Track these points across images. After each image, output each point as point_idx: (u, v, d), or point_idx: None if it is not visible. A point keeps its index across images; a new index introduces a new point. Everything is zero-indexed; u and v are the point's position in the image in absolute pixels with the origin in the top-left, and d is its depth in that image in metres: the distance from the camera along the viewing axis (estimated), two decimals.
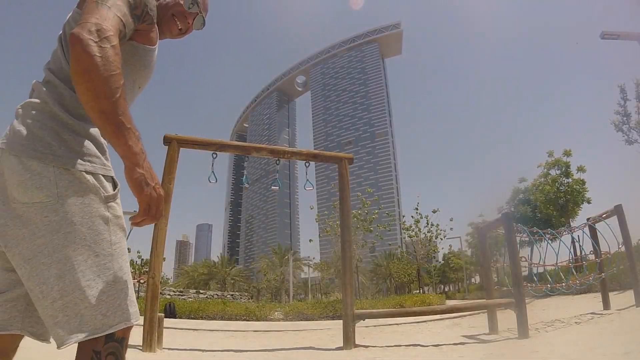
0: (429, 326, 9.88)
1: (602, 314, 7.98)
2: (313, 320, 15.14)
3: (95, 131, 1.21)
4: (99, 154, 1.19)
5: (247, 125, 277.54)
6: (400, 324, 10.64)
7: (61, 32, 1.29)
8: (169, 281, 64.77)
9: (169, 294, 24.65)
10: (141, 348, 5.38)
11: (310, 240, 49.22)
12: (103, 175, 1.17)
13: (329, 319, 14.94)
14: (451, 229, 42.19)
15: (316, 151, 7.52)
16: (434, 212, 39.06)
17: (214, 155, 6.58)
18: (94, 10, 1.10)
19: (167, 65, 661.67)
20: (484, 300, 7.88)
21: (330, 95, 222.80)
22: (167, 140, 6.35)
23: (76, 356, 1.08)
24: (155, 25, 1.40)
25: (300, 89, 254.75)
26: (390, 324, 10.46)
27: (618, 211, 9.13)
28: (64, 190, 1.08)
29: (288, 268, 41.86)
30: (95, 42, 1.03)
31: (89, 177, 1.12)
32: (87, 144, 1.17)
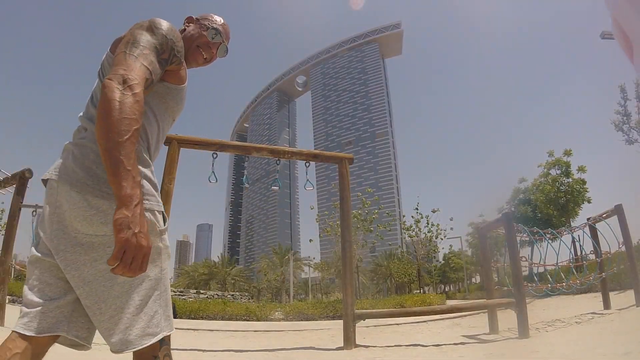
0: (429, 326, 9.88)
1: (602, 314, 7.99)
2: (313, 320, 15.15)
3: (149, 172, 1.38)
4: (154, 192, 1.36)
5: (247, 125, 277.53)
6: (401, 324, 10.64)
7: (99, 75, 1.47)
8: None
9: None
10: None
11: (310, 240, 49.09)
12: (157, 211, 1.35)
13: (329, 319, 14.95)
14: (451, 228, 42.14)
15: (316, 151, 7.52)
16: (434, 211, 38.98)
17: (214, 155, 6.57)
18: (122, 61, 1.25)
19: None
20: (485, 300, 7.88)
21: (330, 95, 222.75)
22: (167, 140, 6.35)
23: None
24: (184, 64, 1.53)
25: (300, 89, 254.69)
26: (390, 324, 10.47)
27: (618, 211, 9.13)
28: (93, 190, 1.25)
29: (288, 268, 41.86)
30: (119, 89, 1.17)
31: (147, 214, 1.28)
32: (145, 183, 1.32)
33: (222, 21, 1.76)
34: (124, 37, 1.35)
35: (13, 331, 1.25)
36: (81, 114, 1.45)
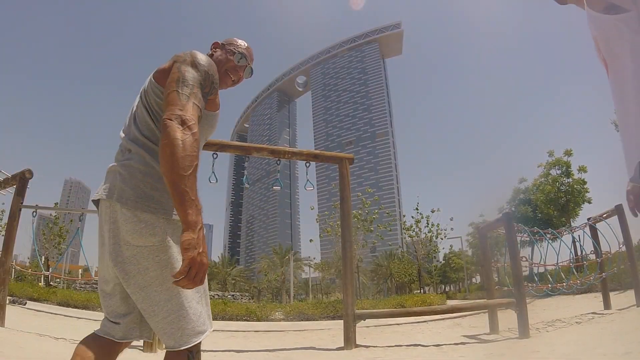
0: (429, 326, 9.89)
1: (602, 314, 7.99)
2: (314, 320, 15.13)
3: None
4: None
5: (247, 126, 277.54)
6: (401, 324, 10.64)
7: (142, 98, 1.62)
8: None
9: None
10: (142, 349, 5.39)
11: (310, 241, 49.03)
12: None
13: (329, 319, 14.93)
14: (452, 229, 42.12)
15: (317, 151, 7.51)
16: (433, 211, 38.95)
17: (215, 156, 6.57)
18: (177, 101, 1.40)
19: None
20: (485, 300, 7.88)
21: (330, 95, 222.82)
22: None
23: (170, 357, 1.44)
24: (218, 91, 1.72)
25: (300, 89, 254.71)
26: (391, 324, 10.47)
27: (619, 211, 9.13)
28: (170, 236, 1.44)
29: (289, 268, 41.85)
30: (180, 129, 1.33)
31: None
32: None
33: (246, 45, 1.90)
34: (172, 74, 1.49)
35: (94, 333, 1.56)
36: (122, 134, 1.63)
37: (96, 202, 1.57)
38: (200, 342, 1.46)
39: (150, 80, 1.60)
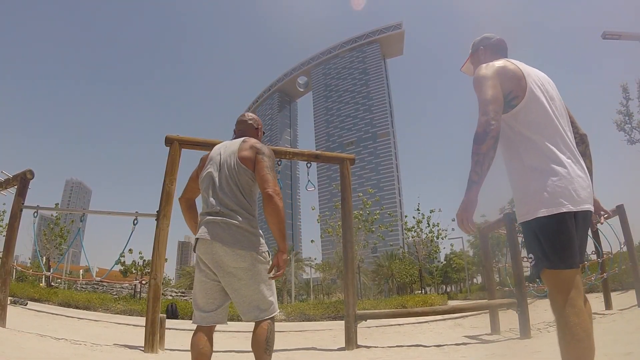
0: (431, 327, 9.89)
1: (604, 314, 7.98)
2: (315, 320, 15.14)
3: (257, 229, 2.57)
4: (263, 242, 2.52)
5: None
6: (403, 324, 10.64)
7: (231, 177, 2.57)
8: (170, 282, 64.73)
9: (170, 295, 24.63)
10: (143, 349, 5.39)
11: (311, 241, 48.98)
12: (265, 251, 2.50)
13: (330, 320, 14.94)
14: (453, 229, 42.04)
15: (318, 152, 7.51)
16: (432, 212, 38.79)
17: None
18: (270, 180, 2.48)
19: (169, 66, 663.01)
20: (486, 300, 7.88)
21: (331, 95, 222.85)
22: (169, 141, 6.36)
23: (257, 325, 2.42)
24: None
25: (301, 90, 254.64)
26: (392, 325, 10.47)
27: (620, 211, 9.12)
28: (255, 261, 2.43)
29: (290, 269, 41.81)
30: (278, 199, 2.44)
31: (264, 254, 2.49)
32: (261, 239, 2.52)
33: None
34: (262, 162, 2.53)
35: (198, 325, 2.46)
36: (212, 199, 2.53)
37: (198, 240, 2.49)
38: (271, 316, 2.45)
39: (240, 165, 2.54)
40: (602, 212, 2.43)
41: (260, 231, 2.56)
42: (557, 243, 1.88)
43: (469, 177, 2.00)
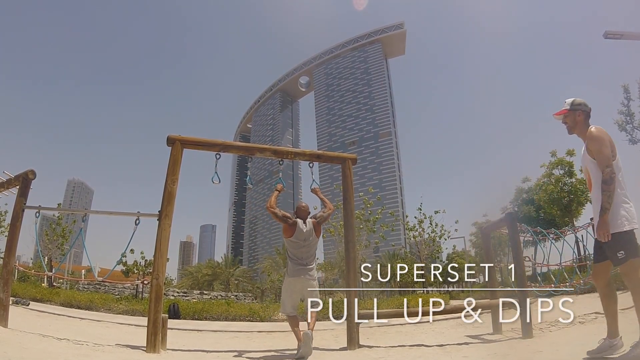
0: (433, 326, 9.88)
1: None
2: (317, 320, 15.12)
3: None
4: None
5: (250, 126, 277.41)
6: (404, 324, 10.62)
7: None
8: (172, 282, 64.75)
9: (172, 295, 24.68)
10: (145, 349, 5.40)
11: None
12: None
13: (332, 319, 14.92)
14: (456, 230, 41.84)
15: (320, 151, 7.52)
16: (436, 212, 38.65)
17: (218, 156, 6.58)
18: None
19: (169, 66, 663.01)
20: (488, 300, 7.86)
21: (333, 95, 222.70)
22: (171, 141, 6.36)
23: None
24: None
25: (303, 90, 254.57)
26: (394, 324, 10.45)
27: None
28: (315, 276, 5.62)
29: None
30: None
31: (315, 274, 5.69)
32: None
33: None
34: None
35: (288, 314, 5.53)
36: (302, 261, 5.51)
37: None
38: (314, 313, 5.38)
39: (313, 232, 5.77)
40: None
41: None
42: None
43: (602, 205, 3.64)
